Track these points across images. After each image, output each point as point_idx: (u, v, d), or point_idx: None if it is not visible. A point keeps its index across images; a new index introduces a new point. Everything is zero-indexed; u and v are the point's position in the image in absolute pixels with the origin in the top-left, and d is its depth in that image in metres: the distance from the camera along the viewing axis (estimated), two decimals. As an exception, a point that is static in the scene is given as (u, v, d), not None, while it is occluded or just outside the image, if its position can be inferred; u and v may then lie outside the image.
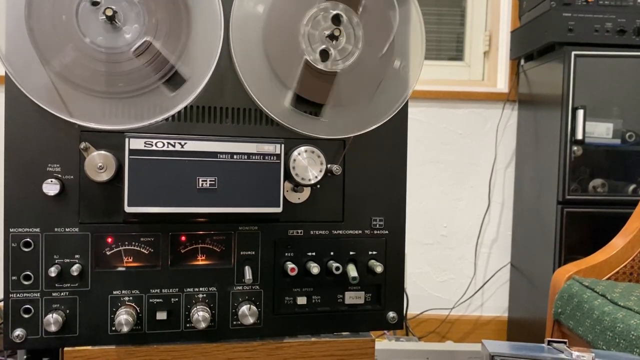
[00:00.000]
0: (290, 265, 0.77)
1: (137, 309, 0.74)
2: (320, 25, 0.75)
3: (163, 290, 0.75)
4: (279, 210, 0.73)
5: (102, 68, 0.69)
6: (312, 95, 0.76)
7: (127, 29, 0.69)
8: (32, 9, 0.67)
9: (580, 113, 1.61)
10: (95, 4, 0.68)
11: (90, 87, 0.69)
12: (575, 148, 1.64)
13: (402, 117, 0.81)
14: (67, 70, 0.68)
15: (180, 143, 0.70)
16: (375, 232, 0.82)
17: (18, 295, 0.71)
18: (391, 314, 0.83)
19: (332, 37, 0.75)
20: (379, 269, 0.79)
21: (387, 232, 0.82)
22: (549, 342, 0.71)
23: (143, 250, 0.74)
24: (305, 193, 0.79)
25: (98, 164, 0.69)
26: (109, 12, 0.67)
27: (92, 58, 0.69)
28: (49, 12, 0.67)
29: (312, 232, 0.80)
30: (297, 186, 0.77)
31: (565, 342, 0.70)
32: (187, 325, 0.76)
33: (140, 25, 0.70)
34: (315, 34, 0.75)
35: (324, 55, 0.75)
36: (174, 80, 0.72)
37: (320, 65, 0.75)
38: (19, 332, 0.71)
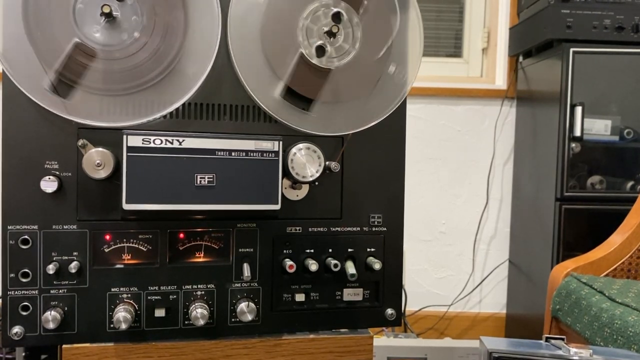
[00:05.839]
0: (288, 262, 0.77)
1: (136, 306, 0.74)
2: (319, 20, 0.75)
3: (161, 288, 0.75)
4: (277, 207, 0.73)
5: (99, 65, 0.69)
6: (303, 90, 0.76)
7: (125, 27, 0.69)
8: (28, 5, 0.67)
9: (579, 110, 1.61)
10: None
11: (87, 84, 0.69)
12: (573, 145, 1.64)
13: (400, 114, 0.81)
14: (61, 64, 0.68)
15: (178, 140, 0.70)
16: (374, 228, 0.82)
17: (16, 292, 0.71)
18: (389, 311, 0.83)
19: (330, 33, 0.75)
20: (377, 265, 0.79)
21: (385, 228, 0.82)
22: (547, 339, 0.72)
23: (141, 248, 0.74)
24: (304, 190, 0.79)
25: (96, 161, 0.69)
26: (107, 9, 0.67)
27: (87, 54, 0.68)
28: (46, 6, 0.67)
29: (310, 229, 0.80)
30: (296, 183, 0.77)
31: (563, 339, 0.70)
32: (186, 322, 0.76)
33: (138, 23, 0.69)
34: (313, 28, 0.75)
35: (320, 50, 0.75)
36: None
37: (315, 60, 0.75)
38: (17, 329, 0.71)
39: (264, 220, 0.78)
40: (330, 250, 0.80)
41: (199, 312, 0.74)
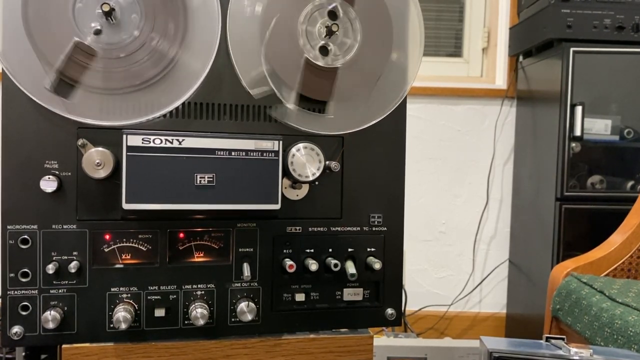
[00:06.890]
0: (288, 262, 0.77)
1: (135, 306, 0.74)
2: (317, 21, 0.75)
3: (161, 287, 0.75)
4: (277, 207, 0.73)
5: (99, 64, 0.69)
6: (315, 93, 0.76)
7: (124, 25, 0.69)
8: (28, 5, 0.67)
9: (579, 109, 1.61)
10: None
11: (87, 84, 0.69)
12: (573, 144, 1.64)
13: (400, 113, 0.81)
14: (62, 64, 0.68)
15: (178, 140, 0.69)
16: (374, 228, 0.82)
17: (16, 292, 0.71)
18: (389, 311, 0.83)
19: (330, 32, 0.75)
20: (377, 265, 0.79)
21: (385, 228, 0.82)
22: (547, 339, 0.71)
23: (141, 247, 0.74)
24: (304, 190, 0.79)
25: (96, 161, 0.69)
26: (106, 8, 0.67)
27: (87, 53, 0.68)
28: (46, 6, 0.67)
29: (310, 229, 0.80)
30: (296, 183, 0.77)
31: (563, 339, 0.70)
32: (186, 322, 0.76)
33: (137, 22, 0.69)
34: (313, 31, 0.75)
35: (324, 51, 0.75)
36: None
37: (321, 62, 0.75)
38: (16, 329, 0.71)
39: (264, 220, 0.78)
40: (330, 250, 0.80)
41: (198, 312, 0.74)
